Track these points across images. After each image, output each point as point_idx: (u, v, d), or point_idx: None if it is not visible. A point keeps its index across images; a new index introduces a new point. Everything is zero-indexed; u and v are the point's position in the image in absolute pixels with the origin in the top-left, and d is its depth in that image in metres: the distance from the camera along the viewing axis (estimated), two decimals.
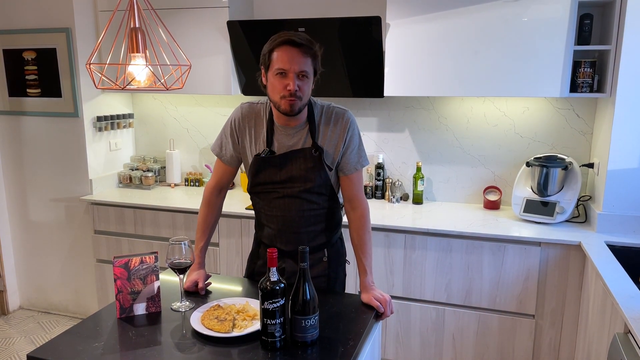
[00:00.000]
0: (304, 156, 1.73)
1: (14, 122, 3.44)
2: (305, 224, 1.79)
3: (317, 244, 1.83)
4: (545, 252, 2.49)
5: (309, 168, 1.73)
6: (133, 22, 1.61)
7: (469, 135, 3.05)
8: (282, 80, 1.61)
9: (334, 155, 1.76)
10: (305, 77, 1.62)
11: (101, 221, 3.24)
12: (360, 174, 1.82)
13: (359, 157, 1.79)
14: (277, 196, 1.77)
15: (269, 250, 1.41)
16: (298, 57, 1.59)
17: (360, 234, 1.80)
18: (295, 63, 1.59)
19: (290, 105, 1.63)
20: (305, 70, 1.61)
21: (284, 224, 1.79)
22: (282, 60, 1.59)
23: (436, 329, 2.72)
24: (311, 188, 1.74)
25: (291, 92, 1.60)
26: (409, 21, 2.69)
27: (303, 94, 1.63)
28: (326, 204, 1.80)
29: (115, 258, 1.58)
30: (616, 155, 2.47)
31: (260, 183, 1.78)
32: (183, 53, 1.96)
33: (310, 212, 1.78)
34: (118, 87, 1.61)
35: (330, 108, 1.80)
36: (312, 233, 1.81)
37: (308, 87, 1.65)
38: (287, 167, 1.74)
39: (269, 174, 1.76)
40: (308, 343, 1.43)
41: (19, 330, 3.42)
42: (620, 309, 1.74)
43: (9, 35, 3.29)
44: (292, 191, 1.75)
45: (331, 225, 1.86)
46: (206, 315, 1.55)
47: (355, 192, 1.81)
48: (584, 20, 2.57)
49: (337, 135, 1.76)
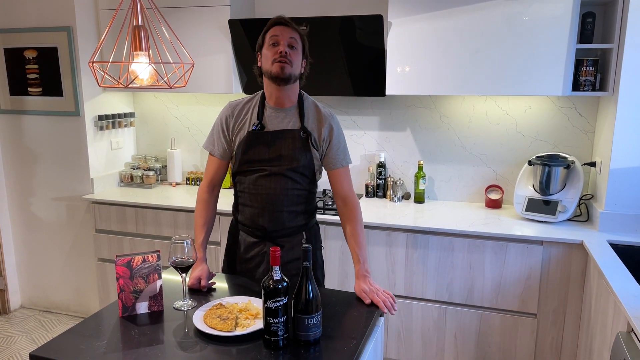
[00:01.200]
0: (292, 136, 1.86)
1: (15, 121, 3.44)
2: (288, 202, 1.89)
3: (297, 224, 1.93)
4: (547, 251, 2.48)
5: (296, 148, 1.86)
6: (136, 20, 1.61)
7: (470, 134, 3.05)
8: (274, 48, 1.79)
9: (318, 141, 1.90)
10: (295, 48, 1.80)
11: (102, 220, 3.24)
12: (348, 171, 1.96)
13: (344, 154, 1.95)
14: (264, 174, 1.87)
15: (271, 248, 1.41)
16: (287, 30, 1.80)
17: (353, 225, 1.90)
18: (285, 33, 1.79)
19: (282, 67, 1.77)
20: (294, 38, 1.80)
21: (268, 202, 1.88)
22: (275, 32, 1.80)
23: (438, 328, 2.71)
24: (296, 167, 1.86)
25: (282, 53, 1.76)
26: (410, 20, 2.68)
27: (293, 60, 1.79)
28: (307, 186, 1.92)
29: (117, 257, 1.58)
30: (618, 153, 2.47)
31: (249, 161, 1.88)
32: (186, 51, 1.96)
33: (294, 192, 1.89)
34: (121, 85, 1.61)
35: (319, 105, 1.95)
36: (293, 213, 1.91)
37: (297, 58, 1.81)
38: (277, 146, 1.85)
39: (258, 151, 1.86)
40: (311, 342, 1.43)
41: (20, 329, 3.42)
42: (623, 308, 1.73)
43: (10, 34, 3.29)
44: (280, 169, 1.86)
45: (309, 209, 1.98)
46: (209, 314, 1.55)
47: (346, 188, 1.94)
48: (586, 19, 2.57)
49: (322, 127, 1.90)
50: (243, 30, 2.91)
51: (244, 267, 1.99)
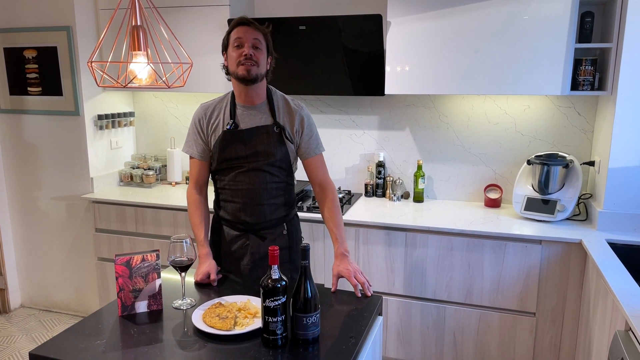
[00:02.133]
0: (266, 132, 1.92)
1: (14, 121, 3.44)
2: (268, 196, 1.94)
3: (278, 217, 1.99)
4: (546, 250, 2.49)
5: (271, 143, 1.91)
6: (135, 20, 1.61)
7: (469, 134, 3.05)
8: (238, 50, 1.83)
9: (292, 133, 1.95)
10: (259, 48, 1.84)
11: (102, 219, 3.24)
12: (322, 158, 2.03)
13: (317, 143, 2.01)
14: (242, 170, 1.92)
15: (270, 248, 1.41)
16: (250, 30, 1.84)
17: (330, 207, 1.98)
18: (249, 34, 1.83)
19: (247, 70, 1.82)
20: (258, 39, 1.84)
21: (248, 196, 1.93)
22: (238, 33, 1.84)
23: (437, 327, 2.72)
24: (273, 162, 1.92)
25: (246, 56, 1.81)
26: (410, 19, 2.68)
27: (258, 60, 1.84)
28: (285, 178, 1.98)
29: (117, 256, 1.59)
30: (617, 153, 2.47)
31: (227, 159, 1.93)
32: (185, 51, 1.96)
33: (273, 185, 1.95)
34: (120, 85, 1.61)
35: (288, 98, 2.01)
36: (274, 206, 1.97)
37: (262, 57, 1.86)
38: (252, 142, 1.91)
39: (235, 149, 1.91)
40: (309, 341, 1.43)
41: (20, 328, 3.42)
42: (621, 307, 1.74)
43: (9, 33, 3.29)
44: (257, 165, 1.91)
45: (289, 201, 2.04)
46: (208, 313, 1.55)
47: (322, 173, 2.02)
48: (585, 18, 2.57)
49: (294, 119, 1.96)
50: None
51: (228, 261, 2.02)
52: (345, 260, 1.84)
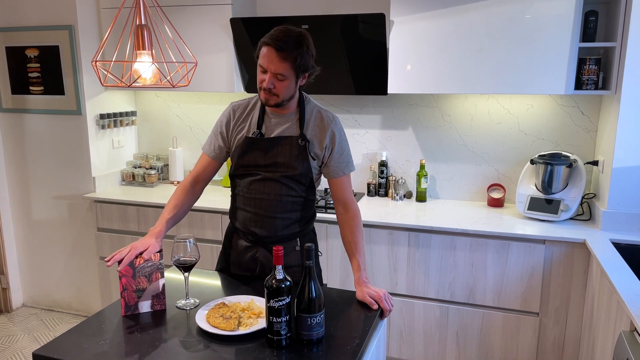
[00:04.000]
0: (290, 144, 1.82)
1: (17, 120, 3.44)
2: (281, 209, 1.84)
3: (291, 232, 1.89)
4: (549, 250, 2.48)
5: (293, 156, 1.81)
6: (139, 19, 1.61)
7: (472, 133, 3.04)
8: (261, 75, 1.74)
9: (320, 149, 1.84)
10: (283, 79, 1.72)
11: (104, 219, 3.24)
12: (349, 178, 1.92)
13: (347, 162, 1.90)
14: (258, 178, 1.83)
15: (274, 248, 1.41)
16: (276, 60, 1.69)
17: (353, 232, 1.85)
18: (272, 64, 1.69)
19: (266, 99, 1.76)
20: (281, 74, 1.70)
21: (261, 207, 1.84)
22: (262, 58, 1.72)
23: (440, 326, 2.71)
24: (292, 175, 1.81)
25: (266, 89, 1.72)
26: (413, 18, 2.68)
27: (279, 93, 1.73)
28: (304, 193, 1.87)
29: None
30: (621, 152, 2.46)
31: (244, 165, 1.85)
32: (189, 50, 1.95)
33: (288, 198, 1.84)
34: (124, 84, 1.61)
35: (322, 110, 1.89)
36: (287, 220, 1.86)
37: (286, 88, 1.74)
38: (273, 152, 1.82)
39: (254, 156, 1.83)
40: (314, 341, 1.43)
41: (22, 327, 3.42)
42: (626, 307, 1.73)
43: (11, 32, 3.29)
44: (274, 175, 1.82)
45: (306, 216, 1.92)
46: (211, 313, 1.55)
47: (347, 195, 1.90)
48: (589, 17, 2.56)
49: (324, 135, 1.84)
50: (245, 29, 2.91)
51: (238, 271, 1.97)
52: (369, 286, 1.71)
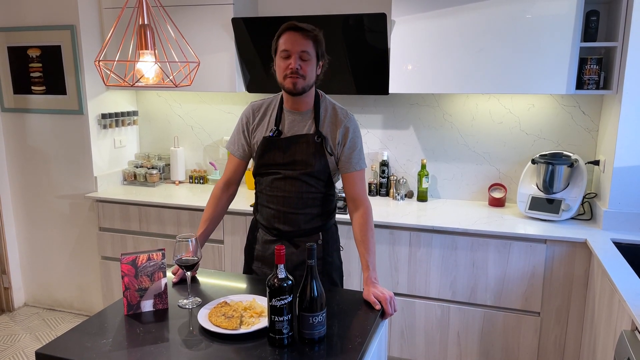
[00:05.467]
0: (306, 141, 1.86)
1: (18, 120, 3.44)
2: (303, 205, 1.89)
3: (313, 226, 1.93)
4: (550, 250, 2.48)
5: (310, 153, 1.85)
6: (142, 19, 1.61)
7: (473, 133, 3.04)
8: (286, 61, 1.76)
9: (333, 145, 1.87)
10: (307, 59, 1.76)
11: (106, 218, 3.25)
12: (363, 175, 1.92)
13: (359, 158, 1.90)
14: (279, 177, 1.88)
15: (276, 247, 1.41)
16: (300, 39, 1.74)
17: (363, 230, 1.85)
18: (297, 44, 1.74)
19: (293, 84, 1.76)
20: (307, 50, 1.75)
21: (283, 204, 1.89)
22: (285, 43, 1.75)
23: (441, 326, 2.72)
24: (311, 172, 1.86)
25: (292, 70, 1.73)
26: (414, 18, 2.68)
27: (305, 73, 1.76)
28: (323, 189, 1.91)
29: (122, 255, 1.59)
30: (622, 152, 2.46)
31: (265, 164, 1.89)
32: (192, 50, 1.96)
33: (309, 195, 1.88)
34: (127, 84, 1.61)
35: (337, 106, 1.93)
36: (309, 215, 1.91)
37: (311, 68, 1.78)
38: (291, 151, 1.86)
39: (273, 156, 1.87)
40: (315, 340, 1.43)
41: (24, 327, 3.43)
42: (627, 306, 1.73)
43: (13, 32, 3.29)
44: (293, 173, 1.86)
45: (327, 211, 1.96)
46: (213, 312, 1.55)
47: (358, 191, 1.90)
48: (590, 17, 2.56)
49: (338, 130, 1.87)
50: (246, 29, 2.91)
51: (261, 263, 1.99)
52: (377, 287, 1.71)
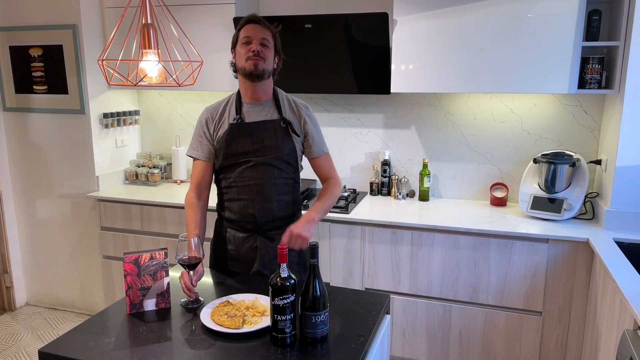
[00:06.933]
0: (273, 126, 1.93)
1: (20, 119, 3.45)
2: (276, 191, 1.94)
3: (286, 214, 1.98)
4: (552, 249, 2.48)
5: (278, 137, 1.92)
6: (145, 19, 1.61)
7: (475, 132, 3.04)
8: (246, 46, 1.85)
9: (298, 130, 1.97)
10: (267, 46, 1.87)
11: (108, 218, 3.25)
12: (329, 157, 2.06)
13: (323, 143, 2.04)
14: (250, 165, 1.91)
15: (279, 246, 1.41)
16: (260, 29, 1.87)
17: (323, 191, 2.00)
18: (258, 32, 1.86)
19: (255, 65, 1.84)
20: (267, 38, 1.87)
21: (257, 192, 1.92)
22: (247, 31, 1.86)
23: (443, 325, 2.72)
24: (281, 156, 1.92)
25: (254, 52, 1.82)
26: (416, 17, 2.68)
27: (265, 57, 1.86)
28: (292, 175, 1.98)
29: (125, 254, 1.59)
30: (624, 151, 2.46)
31: (234, 154, 1.92)
32: (195, 49, 1.96)
33: (281, 180, 1.94)
34: (130, 83, 1.61)
35: (294, 98, 2.03)
36: (282, 202, 1.96)
37: (270, 55, 1.88)
38: (259, 136, 1.91)
39: (242, 143, 1.91)
40: (318, 339, 1.43)
41: (26, 326, 3.43)
42: (629, 306, 1.73)
43: (15, 31, 3.30)
44: (265, 159, 1.91)
45: (296, 200, 2.03)
46: (216, 311, 1.56)
47: (330, 170, 2.05)
48: (592, 16, 2.56)
49: (299, 118, 1.98)
50: None
51: (237, 266, 1.98)
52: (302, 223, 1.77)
